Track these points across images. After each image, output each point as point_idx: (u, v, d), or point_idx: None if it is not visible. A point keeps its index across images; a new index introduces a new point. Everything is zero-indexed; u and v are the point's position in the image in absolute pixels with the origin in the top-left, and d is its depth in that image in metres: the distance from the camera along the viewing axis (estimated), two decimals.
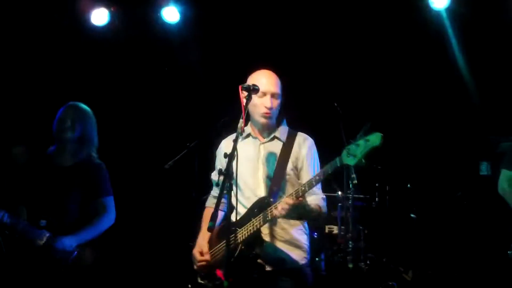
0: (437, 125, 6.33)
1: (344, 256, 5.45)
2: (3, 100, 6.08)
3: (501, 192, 3.89)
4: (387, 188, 6.08)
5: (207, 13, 6.42)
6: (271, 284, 3.15)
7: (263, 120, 3.28)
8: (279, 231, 3.21)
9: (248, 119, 3.29)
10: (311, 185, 2.99)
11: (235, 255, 3.08)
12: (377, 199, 6.00)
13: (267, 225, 3.13)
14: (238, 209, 3.12)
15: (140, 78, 6.81)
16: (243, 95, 3.09)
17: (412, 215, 6.05)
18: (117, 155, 6.49)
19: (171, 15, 6.33)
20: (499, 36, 5.82)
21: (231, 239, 3.03)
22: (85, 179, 3.88)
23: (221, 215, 3.33)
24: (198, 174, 4.72)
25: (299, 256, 3.25)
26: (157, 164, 4.86)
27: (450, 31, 5.98)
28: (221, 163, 3.31)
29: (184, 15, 6.38)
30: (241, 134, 3.13)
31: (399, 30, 6.14)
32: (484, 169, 6.26)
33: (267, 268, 3.15)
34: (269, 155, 3.28)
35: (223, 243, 3.09)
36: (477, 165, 6.30)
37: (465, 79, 6.09)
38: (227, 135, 3.49)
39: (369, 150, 2.82)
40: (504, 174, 3.88)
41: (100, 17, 6.37)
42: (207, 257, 3.24)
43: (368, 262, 5.60)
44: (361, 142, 2.84)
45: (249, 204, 3.20)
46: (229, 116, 2.97)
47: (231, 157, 2.92)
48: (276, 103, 3.27)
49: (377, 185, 6.04)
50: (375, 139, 2.82)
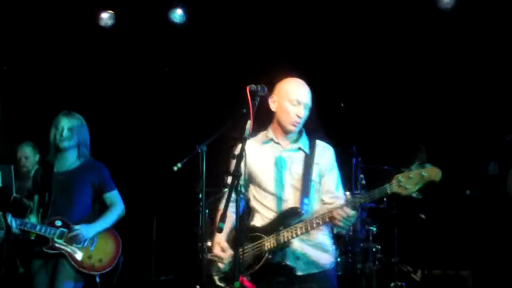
0: (445, 125, 6.32)
1: (353, 256, 5.44)
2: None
3: (509, 190, 3.89)
4: None
5: (213, 15, 6.44)
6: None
7: (291, 127, 3.28)
8: (306, 236, 3.20)
9: (256, 121, 3.27)
10: (356, 205, 2.98)
11: (261, 263, 3.10)
12: (385, 200, 5.98)
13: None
14: (260, 215, 3.21)
15: (148, 79, 6.84)
16: (252, 97, 3.05)
17: (421, 215, 6.03)
18: (123, 156, 6.53)
19: (177, 17, 6.37)
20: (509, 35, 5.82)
21: (257, 246, 3.09)
22: (94, 176, 4.23)
23: (231, 216, 3.30)
24: (204, 174, 4.70)
25: (327, 259, 3.26)
26: (166, 165, 4.86)
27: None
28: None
29: (189, 17, 6.41)
30: (248, 135, 3.09)
31: (410, 29, 6.14)
32: (492, 169, 6.25)
33: (298, 273, 3.15)
34: (293, 163, 3.28)
35: (248, 246, 3.10)
36: (485, 164, 6.29)
37: None
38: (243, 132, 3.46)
39: (424, 184, 2.74)
40: None
41: (106, 19, 6.43)
42: (229, 252, 3.20)
43: (377, 262, 5.59)
44: (415, 174, 2.76)
45: (272, 211, 3.22)
46: (243, 110, 2.94)
47: (239, 158, 2.91)
48: (306, 114, 3.29)
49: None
50: (434, 175, 2.73)
